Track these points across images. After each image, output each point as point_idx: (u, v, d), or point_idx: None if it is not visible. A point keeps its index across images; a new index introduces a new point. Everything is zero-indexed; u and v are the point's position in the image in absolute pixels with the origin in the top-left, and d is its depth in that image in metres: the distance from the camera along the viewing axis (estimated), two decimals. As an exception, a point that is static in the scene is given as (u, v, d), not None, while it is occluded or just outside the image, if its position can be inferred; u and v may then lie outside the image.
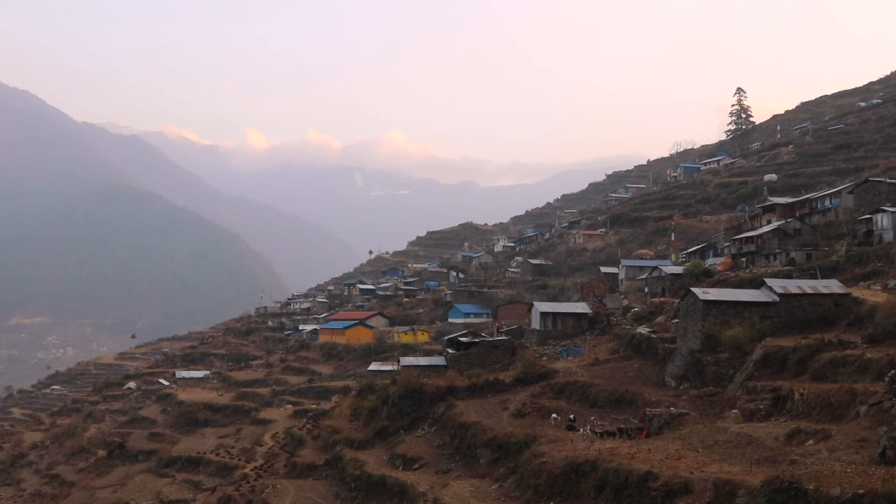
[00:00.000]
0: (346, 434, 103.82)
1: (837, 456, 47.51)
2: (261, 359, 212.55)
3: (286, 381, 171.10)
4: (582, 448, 63.46)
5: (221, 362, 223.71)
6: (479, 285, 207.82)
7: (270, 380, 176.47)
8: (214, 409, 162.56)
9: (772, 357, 73.43)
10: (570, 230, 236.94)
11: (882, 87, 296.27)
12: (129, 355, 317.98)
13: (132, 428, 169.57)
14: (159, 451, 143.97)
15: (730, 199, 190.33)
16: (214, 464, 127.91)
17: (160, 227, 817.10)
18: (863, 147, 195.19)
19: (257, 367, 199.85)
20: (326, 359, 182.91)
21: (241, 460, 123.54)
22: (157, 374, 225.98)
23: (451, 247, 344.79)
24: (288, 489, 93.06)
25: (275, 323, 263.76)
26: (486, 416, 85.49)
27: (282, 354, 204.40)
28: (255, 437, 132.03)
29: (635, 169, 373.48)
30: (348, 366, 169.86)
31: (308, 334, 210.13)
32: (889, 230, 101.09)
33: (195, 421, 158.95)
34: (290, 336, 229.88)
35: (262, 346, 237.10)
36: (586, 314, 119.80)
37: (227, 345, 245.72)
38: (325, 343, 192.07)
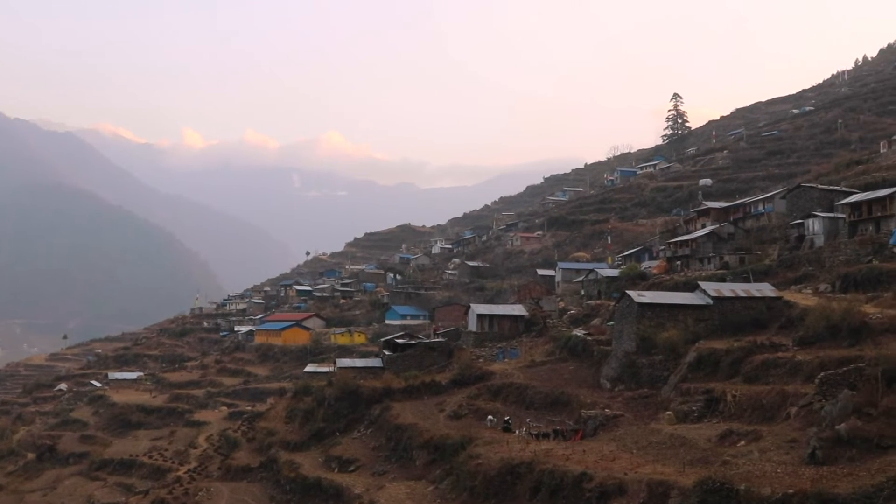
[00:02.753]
0: (281, 436, 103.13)
1: (768, 456, 48.12)
2: (195, 360, 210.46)
3: (221, 383, 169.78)
4: (518, 450, 63.72)
5: (155, 364, 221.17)
6: (417, 287, 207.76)
7: (205, 381, 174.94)
8: (148, 411, 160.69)
9: (705, 359, 74.24)
10: (508, 233, 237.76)
11: (814, 95, 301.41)
12: (60, 356, 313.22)
13: (63, 430, 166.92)
14: (91, 453, 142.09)
15: (665, 202, 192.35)
16: (147, 466, 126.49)
17: (94, 226, 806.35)
18: (795, 153, 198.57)
19: (192, 368, 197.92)
20: (262, 360, 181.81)
21: (174, 463, 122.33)
22: (90, 376, 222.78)
23: (388, 248, 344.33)
24: (222, 492, 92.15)
25: (210, 324, 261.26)
26: (422, 418, 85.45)
27: (217, 356, 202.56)
28: (189, 440, 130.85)
29: (573, 172, 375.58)
30: (284, 367, 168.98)
31: (244, 336, 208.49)
32: (820, 235, 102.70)
33: (128, 423, 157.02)
34: (225, 337, 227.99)
35: (196, 348, 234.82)
36: (523, 316, 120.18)
37: (161, 346, 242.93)
38: (260, 344, 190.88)
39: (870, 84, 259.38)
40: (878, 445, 45.22)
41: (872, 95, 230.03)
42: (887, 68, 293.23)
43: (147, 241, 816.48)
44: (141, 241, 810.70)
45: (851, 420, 47.20)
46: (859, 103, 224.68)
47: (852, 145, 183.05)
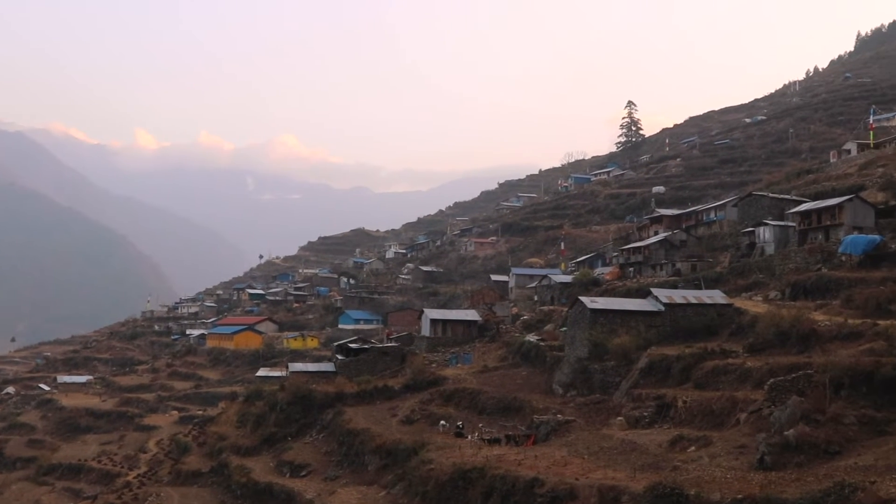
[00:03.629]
0: (232, 440, 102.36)
1: (718, 462, 48.51)
2: (146, 364, 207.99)
3: (172, 387, 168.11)
4: (470, 455, 63.75)
5: (105, 367, 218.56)
6: (370, 291, 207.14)
7: (156, 385, 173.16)
8: (97, 415, 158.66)
9: (657, 365, 74.76)
10: (462, 238, 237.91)
11: (767, 105, 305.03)
12: (7, 359, 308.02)
13: (10, 434, 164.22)
14: (38, 458, 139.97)
15: (619, 209, 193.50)
16: (96, 471, 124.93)
17: (44, 227, 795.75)
18: (747, 162, 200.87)
19: (142, 372, 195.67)
20: (214, 364, 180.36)
21: (124, 468, 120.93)
22: (38, 379, 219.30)
23: (342, 252, 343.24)
24: (172, 497, 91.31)
25: (161, 327, 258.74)
26: (374, 423, 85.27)
27: (168, 359, 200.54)
28: (139, 444, 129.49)
29: (527, 178, 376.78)
30: (236, 371, 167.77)
31: (195, 339, 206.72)
32: (771, 243, 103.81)
33: (77, 427, 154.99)
34: (177, 341, 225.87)
35: (147, 351, 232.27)
36: (476, 321, 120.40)
37: (111, 349, 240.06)
38: (212, 348, 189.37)
39: (820, 95, 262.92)
40: (825, 451, 45.77)
41: (823, 106, 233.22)
42: (837, 79, 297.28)
43: (98, 243, 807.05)
44: (92, 243, 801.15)
45: (800, 426, 47.71)
46: (810, 113, 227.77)
47: (803, 155, 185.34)
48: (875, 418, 48.41)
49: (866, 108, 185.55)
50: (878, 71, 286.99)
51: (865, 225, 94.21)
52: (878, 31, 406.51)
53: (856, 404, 49.91)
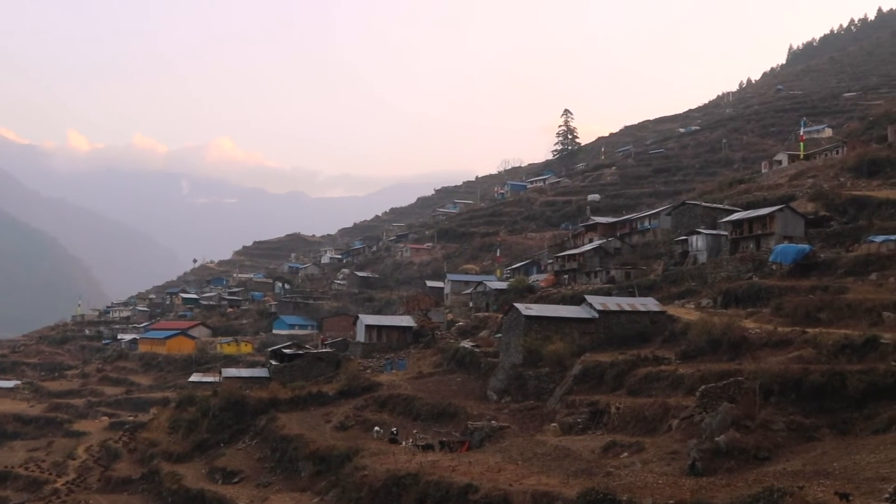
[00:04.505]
0: (164, 447, 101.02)
1: (650, 468, 48.93)
2: (76, 368, 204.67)
3: (103, 392, 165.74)
4: (404, 461, 63.59)
5: (34, 372, 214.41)
6: (305, 297, 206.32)
7: (86, 390, 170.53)
8: (25, 421, 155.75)
9: (590, 372, 75.28)
10: (398, 244, 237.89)
11: (701, 115, 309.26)
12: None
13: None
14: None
15: (554, 217, 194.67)
16: (23, 478, 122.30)
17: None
18: (681, 171, 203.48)
19: (72, 377, 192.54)
20: (146, 369, 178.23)
21: (52, 474, 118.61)
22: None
23: (277, 257, 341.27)
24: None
25: (92, 332, 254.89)
26: (308, 429, 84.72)
27: (99, 364, 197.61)
28: (68, 451, 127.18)
29: (464, 185, 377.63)
30: (168, 377, 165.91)
31: (127, 344, 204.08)
32: (703, 251, 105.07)
33: (3, 433, 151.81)
34: (108, 345, 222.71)
35: (77, 356, 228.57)
36: (411, 327, 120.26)
37: (40, 354, 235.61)
38: (144, 353, 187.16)
39: (753, 106, 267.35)
40: (755, 456, 46.39)
41: (755, 117, 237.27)
42: (769, 91, 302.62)
43: (28, 245, 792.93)
44: (21, 245, 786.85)
45: (730, 432, 48.27)
46: (743, 124, 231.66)
47: (735, 165, 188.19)
48: (803, 424, 49.20)
49: (797, 120, 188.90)
50: (808, 83, 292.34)
51: (795, 234, 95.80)
52: (809, 45, 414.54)
53: (785, 410, 50.69)
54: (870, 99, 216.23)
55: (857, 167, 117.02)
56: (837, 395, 50.40)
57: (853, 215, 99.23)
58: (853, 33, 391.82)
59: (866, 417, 48.29)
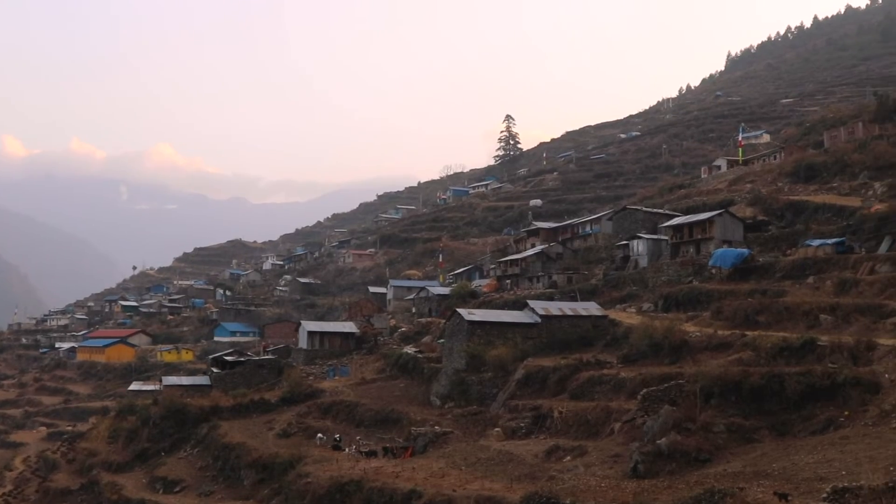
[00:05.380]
0: (103, 457, 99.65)
1: (593, 471, 49.11)
2: (13, 378, 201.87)
3: (40, 402, 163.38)
4: (347, 468, 63.34)
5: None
6: (247, 303, 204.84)
7: (23, 400, 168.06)
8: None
9: (533, 376, 75.47)
10: (340, 249, 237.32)
11: (641, 121, 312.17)
12: None
13: None
14: None
15: (497, 222, 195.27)
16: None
17: None
18: (622, 176, 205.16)
19: (9, 387, 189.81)
20: (84, 378, 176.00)
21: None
22: None
23: (219, 264, 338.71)
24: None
25: (29, 340, 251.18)
26: (250, 437, 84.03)
27: (36, 373, 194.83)
28: (5, 462, 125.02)
29: (406, 190, 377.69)
30: (108, 385, 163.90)
31: (65, 352, 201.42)
32: (644, 256, 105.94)
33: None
34: (45, 354, 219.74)
35: (14, 365, 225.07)
36: (354, 334, 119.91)
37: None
38: (83, 362, 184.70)
39: (692, 112, 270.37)
40: (696, 459, 46.74)
41: (695, 123, 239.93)
42: (709, 97, 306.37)
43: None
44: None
45: (671, 435, 48.61)
46: (682, 130, 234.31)
47: (675, 170, 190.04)
48: (743, 426, 49.67)
49: (736, 126, 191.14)
50: (747, 90, 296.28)
51: (734, 239, 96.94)
52: (747, 52, 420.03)
53: (725, 413, 51.13)
54: (806, 105, 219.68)
55: (794, 172, 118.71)
56: (776, 397, 50.95)
57: (790, 220, 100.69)
58: (790, 41, 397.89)
59: (804, 419, 48.89)
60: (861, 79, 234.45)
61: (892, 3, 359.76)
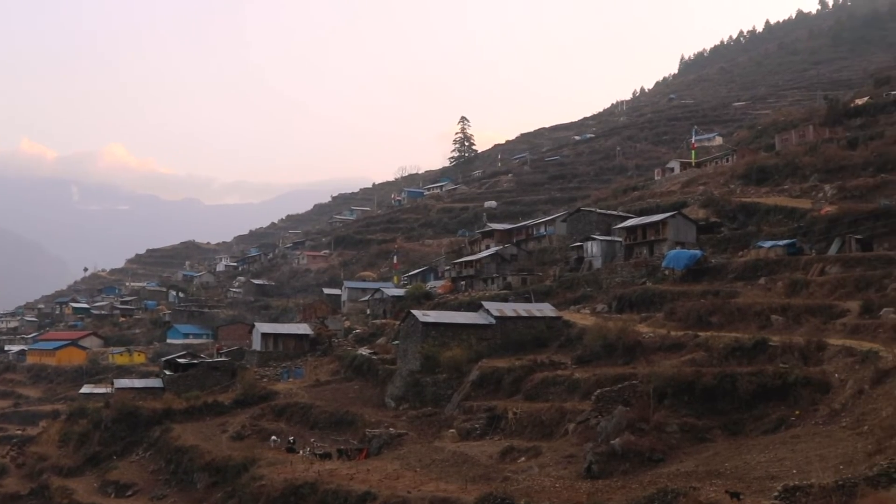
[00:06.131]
0: (54, 461, 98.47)
1: (547, 472, 49.27)
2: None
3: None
4: (301, 470, 63.06)
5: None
6: (200, 305, 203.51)
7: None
8: None
9: (488, 377, 75.55)
10: (294, 251, 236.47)
11: (595, 123, 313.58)
12: None
13: None
14: None
15: (451, 223, 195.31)
16: None
17: None
18: (576, 178, 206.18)
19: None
20: (34, 381, 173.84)
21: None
22: None
23: (171, 265, 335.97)
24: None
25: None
26: (204, 440, 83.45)
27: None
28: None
29: (361, 192, 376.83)
30: (58, 389, 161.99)
31: (15, 355, 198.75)
32: (598, 257, 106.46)
33: None
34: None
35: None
36: (308, 335, 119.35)
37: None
38: (33, 364, 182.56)
39: (646, 114, 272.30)
40: (649, 459, 47.04)
41: (648, 125, 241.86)
42: (662, 100, 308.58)
43: None
44: None
45: (625, 435, 48.87)
46: (636, 132, 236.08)
47: (629, 172, 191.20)
48: (696, 426, 50.07)
49: (689, 129, 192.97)
50: (699, 93, 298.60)
51: (687, 240, 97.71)
52: (700, 55, 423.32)
53: (678, 413, 51.51)
54: (758, 108, 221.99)
55: (746, 174, 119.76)
56: (728, 397, 51.41)
57: (742, 221, 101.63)
58: (742, 44, 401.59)
59: (756, 418, 49.37)
60: (812, 83, 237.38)
61: (842, 9, 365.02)
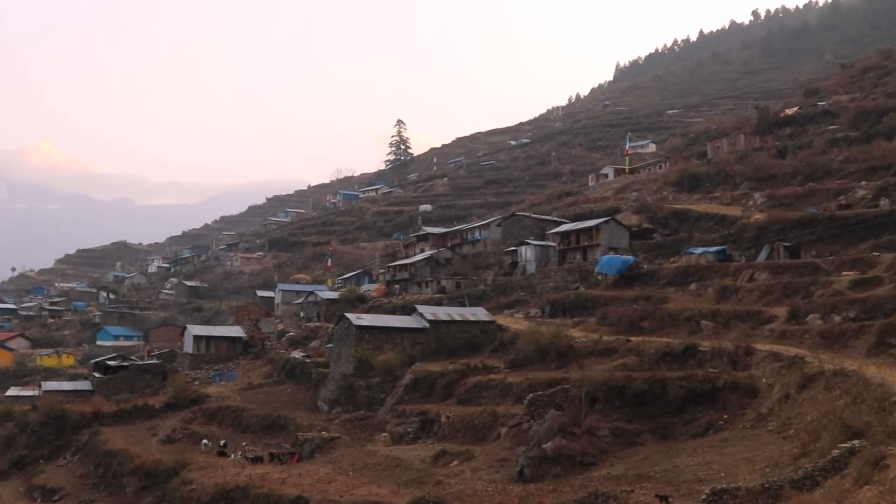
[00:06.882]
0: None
1: (480, 475, 49.42)
2: None
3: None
4: (233, 474, 62.54)
5: None
6: (131, 307, 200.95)
7: None
8: None
9: (421, 381, 75.67)
10: (228, 252, 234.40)
11: (531, 128, 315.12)
12: None
13: None
14: None
15: (386, 227, 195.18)
16: None
17: None
18: (511, 183, 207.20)
19: None
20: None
21: None
22: None
23: (102, 266, 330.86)
24: None
25: None
26: (133, 443, 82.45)
27: None
28: None
29: (296, 194, 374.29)
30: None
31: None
32: (532, 262, 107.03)
33: None
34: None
35: None
36: (241, 338, 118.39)
37: None
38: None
39: (581, 121, 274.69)
40: (581, 462, 47.45)
41: (584, 131, 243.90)
42: (597, 107, 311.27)
43: None
44: None
45: (557, 439, 49.22)
46: (571, 138, 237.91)
47: (564, 177, 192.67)
48: (627, 430, 50.61)
49: (623, 135, 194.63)
50: (634, 100, 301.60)
51: (620, 246, 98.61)
52: (635, 63, 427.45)
53: (609, 417, 52.02)
54: (691, 116, 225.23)
55: (678, 181, 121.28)
56: (659, 402, 52.04)
57: (675, 228, 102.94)
58: (676, 53, 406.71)
59: (685, 422, 50.04)
60: (744, 92, 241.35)
61: (773, 20, 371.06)
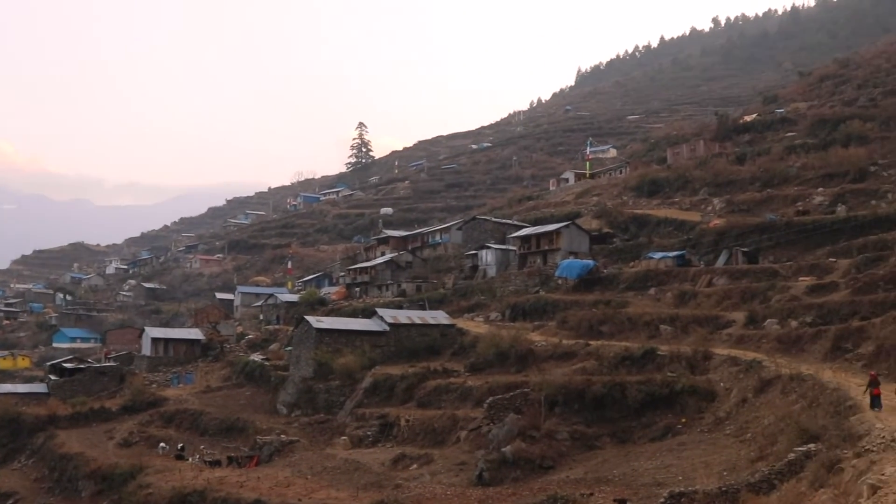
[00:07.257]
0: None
1: (439, 479, 49.41)
2: None
3: None
4: (190, 478, 62.05)
5: None
6: (88, 309, 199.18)
7: None
8: None
9: (381, 385, 75.58)
10: (187, 254, 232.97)
11: (492, 132, 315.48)
12: None
13: None
14: None
15: (347, 229, 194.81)
16: None
17: None
18: (473, 186, 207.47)
19: None
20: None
21: None
22: None
23: (59, 267, 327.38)
24: None
25: None
26: (90, 447, 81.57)
27: None
28: None
29: (256, 196, 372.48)
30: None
31: None
32: (493, 266, 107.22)
33: None
34: None
35: None
36: (200, 340, 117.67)
37: None
38: None
39: (543, 125, 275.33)
40: (540, 466, 47.56)
41: (545, 136, 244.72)
42: (559, 111, 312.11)
43: None
44: None
45: (516, 442, 49.30)
46: (533, 142, 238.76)
47: (525, 182, 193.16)
48: (586, 433, 50.80)
49: (584, 140, 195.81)
50: (595, 105, 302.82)
51: (580, 250, 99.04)
52: (596, 68, 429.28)
53: (568, 420, 52.19)
54: (651, 122, 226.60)
55: (638, 186, 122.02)
56: (618, 405, 52.27)
57: (634, 232, 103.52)
58: (637, 59, 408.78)
59: (644, 426, 50.31)
60: (703, 98, 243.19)
61: (733, 28, 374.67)
